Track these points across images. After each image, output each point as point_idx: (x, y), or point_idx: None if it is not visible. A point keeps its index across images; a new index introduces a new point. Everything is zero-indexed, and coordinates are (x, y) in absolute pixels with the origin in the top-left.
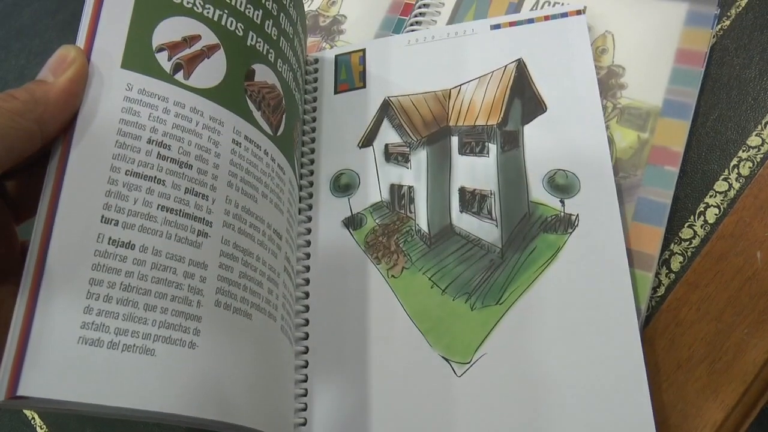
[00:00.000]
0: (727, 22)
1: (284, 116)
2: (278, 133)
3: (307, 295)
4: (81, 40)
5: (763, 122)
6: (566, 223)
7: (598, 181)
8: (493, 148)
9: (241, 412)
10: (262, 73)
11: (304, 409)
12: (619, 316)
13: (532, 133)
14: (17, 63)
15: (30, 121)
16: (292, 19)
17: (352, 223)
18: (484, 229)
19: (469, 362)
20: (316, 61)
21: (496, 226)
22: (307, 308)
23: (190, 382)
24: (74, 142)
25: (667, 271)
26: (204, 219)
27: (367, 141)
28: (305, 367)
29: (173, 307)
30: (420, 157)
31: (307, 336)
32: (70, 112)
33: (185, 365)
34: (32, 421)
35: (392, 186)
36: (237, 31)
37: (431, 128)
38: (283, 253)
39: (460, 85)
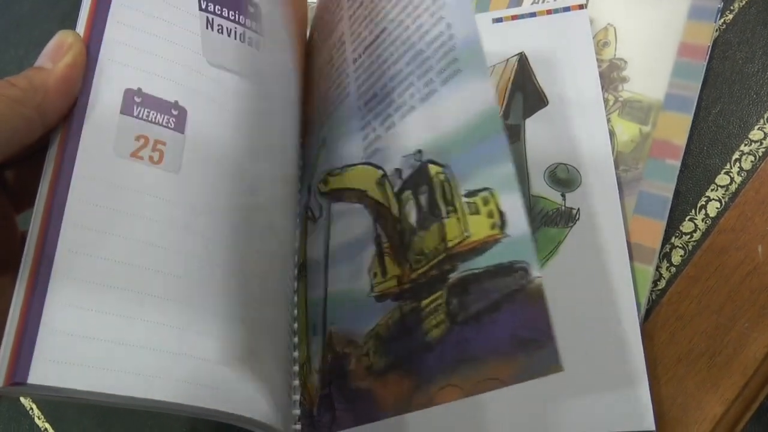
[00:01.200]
0: (730, 16)
1: None
2: None
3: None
4: (81, 26)
5: (766, 116)
6: (567, 217)
7: (599, 175)
8: None
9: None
10: None
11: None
12: (619, 310)
13: (534, 126)
14: (17, 54)
15: (30, 108)
16: None
17: None
18: None
19: None
20: None
21: None
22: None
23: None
24: (75, 128)
25: (667, 264)
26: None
27: None
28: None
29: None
30: None
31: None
32: (69, 98)
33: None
34: (30, 411)
35: None
36: None
37: None
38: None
39: None
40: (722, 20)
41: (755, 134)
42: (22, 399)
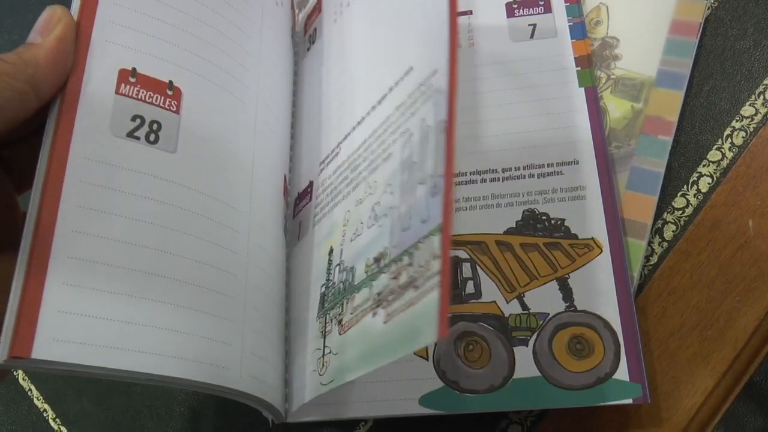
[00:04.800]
0: None
1: None
2: None
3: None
4: (75, 6)
5: (757, 92)
6: None
7: None
8: None
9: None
10: None
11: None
12: None
13: None
14: (10, 38)
15: (21, 82)
16: None
17: None
18: None
19: None
20: None
21: None
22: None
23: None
24: (70, 108)
25: (660, 239)
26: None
27: None
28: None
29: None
30: None
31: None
32: (61, 71)
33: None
34: (29, 392)
35: None
36: None
37: None
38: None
39: None
40: None
41: (747, 110)
42: (21, 380)
